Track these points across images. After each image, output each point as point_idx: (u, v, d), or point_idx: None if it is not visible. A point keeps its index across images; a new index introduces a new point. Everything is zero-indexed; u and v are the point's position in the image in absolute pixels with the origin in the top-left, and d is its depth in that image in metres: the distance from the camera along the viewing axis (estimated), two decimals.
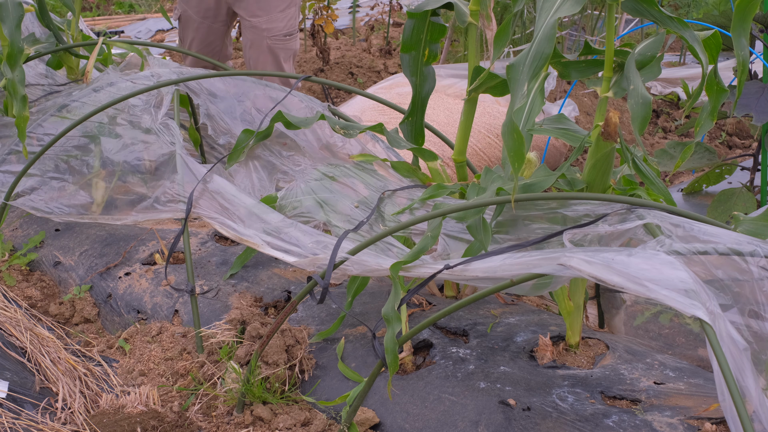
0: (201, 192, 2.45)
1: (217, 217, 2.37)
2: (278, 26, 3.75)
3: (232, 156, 2.66)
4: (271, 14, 3.73)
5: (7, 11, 2.88)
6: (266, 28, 3.75)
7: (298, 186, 2.45)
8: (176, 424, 2.08)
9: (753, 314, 1.52)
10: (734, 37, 1.81)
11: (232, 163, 2.66)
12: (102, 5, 10.19)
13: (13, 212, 3.33)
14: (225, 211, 2.37)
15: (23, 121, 2.80)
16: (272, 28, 3.75)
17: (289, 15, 3.79)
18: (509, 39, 1.92)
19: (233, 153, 2.66)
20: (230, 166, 2.65)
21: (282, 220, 2.25)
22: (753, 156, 3.64)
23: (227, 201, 2.39)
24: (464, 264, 1.75)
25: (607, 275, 1.44)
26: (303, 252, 2.11)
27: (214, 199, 2.42)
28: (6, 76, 2.84)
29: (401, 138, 2.50)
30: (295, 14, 3.83)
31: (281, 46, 3.81)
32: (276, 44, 3.79)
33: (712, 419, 1.71)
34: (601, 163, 1.88)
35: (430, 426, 1.90)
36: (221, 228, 2.34)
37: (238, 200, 2.38)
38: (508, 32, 1.90)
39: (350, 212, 2.31)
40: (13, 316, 2.39)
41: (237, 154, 2.66)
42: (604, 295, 2.37)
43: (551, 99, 5.17)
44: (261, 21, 3.74)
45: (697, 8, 6.82)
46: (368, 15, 8.44)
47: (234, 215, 2.34)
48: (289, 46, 3.85)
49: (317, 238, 2.14)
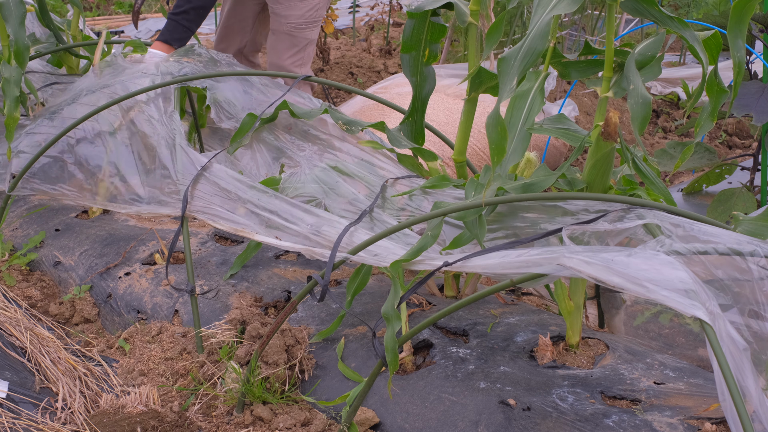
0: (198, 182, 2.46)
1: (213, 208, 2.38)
2: (296, 14, 3.89)
3: (235, 137, 2.68)
4: (291, 2, 3.88)
5: (10, 10, 2.89)
6: (285, 15, 3.90)
7: (303, 171, 2.46)
8: (176, 424, 2.08)
9: (753, 314, 1.52)
10: (730, 38, 1.81)
11: (234, 144, 2.67)
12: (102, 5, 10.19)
13: (13, 212, 3.33)
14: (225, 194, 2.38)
15: (13, 122, 2.80)
16: (290, 15, 3.90)
17: (309, 5, 3.92)
18: (501, 35, 1.92)
19: (237, 134, 2.69)
20: (234, 149, 2.66)
21: (282, 200, 2.26)
22: (753, 156, 3.64)
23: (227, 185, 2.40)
24: (463, 260, 1.75)
25: (607, 276, 1.44)
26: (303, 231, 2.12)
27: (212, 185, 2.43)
28: (3, 75, 2.84)
29: (402, 137, 2.50)
30: (316, 6, 3.95)
31: (297, 34, 3.95)
32: (292, 31, 3.93)
33: (712, 419, 1.71)
34: (601, 163, 1.88)
35: (430, 426, 1.90)
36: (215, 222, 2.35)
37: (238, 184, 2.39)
38: (500, 28, 1.90)
39: (353, 199, 2.32)
40: (13, 316, 2.39)
41: (240, 135, 2.68)
42: (604, 295, 2.37)
43: (551, 99, 5.17)
44: (281, 8, 3.90)
45: (697, 8, 6.82)
46: (368, 15, 8.45)
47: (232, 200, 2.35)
48: (306, 35, 3.98)
49: (317, 218, 2.14)
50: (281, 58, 3.92)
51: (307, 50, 4.00)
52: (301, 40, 3.94)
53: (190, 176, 2.48)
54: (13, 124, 2.80)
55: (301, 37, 3.94)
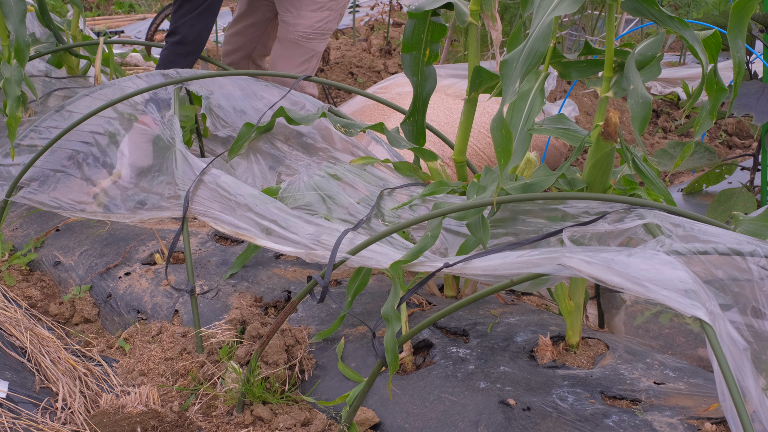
0: (199, 186, 2.46)
1: (213, 212, 2.37)
2: (305, 23, 3.88)
3: (233, 149, 2.67)
4: (301, 11, 3.87)
5: (10, 7, 2.89)
6: (294, 23, 3.89)
7: (301, 179, 2.45)
8: (176, 424, 2.08)
9: (753, 314, 1.52)
10: (730, 39, 1.81)
11: (233, 155, 2.66)
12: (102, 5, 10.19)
13: (13, 212, 3.33)
14: (224, 201, 2.37)
15: (15, 121, 2.80)
16: (299, 23, 3.89)
17: (318, 17, 3.90)
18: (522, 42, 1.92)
19: (234, 146, 2.68)
20: (231, 159, 2.66)
21: (281, 209, 2.25)
22: (753, 156, 3.64)
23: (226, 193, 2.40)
24: (464, 262, 1.75)
25: (607, 275, 1.44)
26: (302, 240, 2.12)
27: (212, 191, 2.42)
28: (4, 75, 2.84)
29: (402, 138, 2.50)
30: (325, 19, 3.94)
31: (303, 44, 3.93)
32: (300, 40, 3.92)
33: (712, 419, 1.71)
34: (601, 163, 1.88)
35: (430, 426, 1.90)
36: (216, 224, 2.34)
37: (237, 191, 2.38)
38: (520, 37, 1.90)
39: (351, 207, 2.31)
40: (13, 316, 2.39)
41: (238, 147, 2.67)
42: (604, 295, 2.37)
43: (551, 99, 5.17)
44: (291, 16, 3.89)
45: (697, 8, 6.82)
46: (368, 15, 8.45)
47: (232, 208, 2.34)
48: (313, 47, 3.97)
49: (317, 227, 2.14)
50: (285, 68, 3.89)
51: (312, 62, 3.97)
52: (308, 51, 3.92)
53: (190, 181, 2.48)
54: (15, 123, 2.81)
55: (308, 48, 3.91)
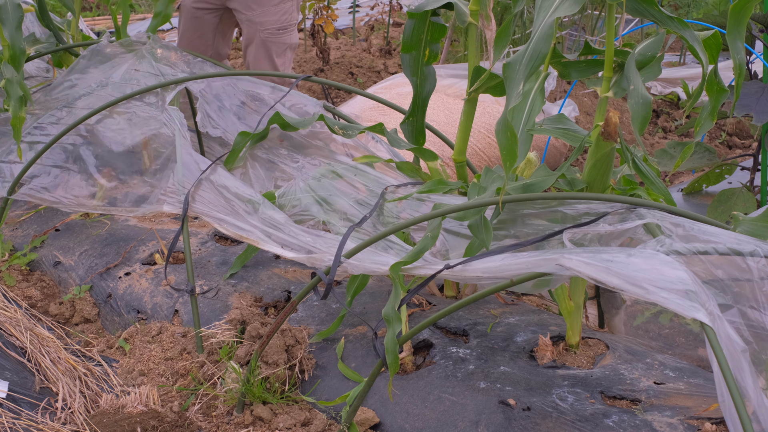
0: (200, 187, 2.46)
1: (215, 214, 2.37)
2: (271, 19, 3.82)
3: (229, 159, 2.66)
4: (265, 7, 3.80)
5: (7, 13, 2.89)
6: (259, 21, 3.82)
7: (297, 184, 2.45)
8: (176, 424, 2.08)
9: (753, 314, 1.52)
10: (729, 41, 1.81)
11: (229, 166, 2.66)
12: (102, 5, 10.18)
13: (13, 212, 3.33)
14: (226, 203, 2.37)
15: (19, 121, 2.80)
16: (265, 21, 3.82)
17: (283, 9, 3.84)
18: (510, 39, 1.92)
19: (230, 156, 2.66)
20: (229, 169, 2.65)
21: (282, 217, 2.25)
22: (753, 156, 3.64)
23: (227, 196, 2.39)
24: (464, 264, 1.75)
25: (607, 277, 1.44)
26: (304, 245, 2.11)
27: (214, 193, 2.42)
28: (5, 76, 2.84)
29: (401, 138, 2.50)
30: (290, 9, 3.89)
31: (274, 40, 3.88)
32: (269, 38, 3.86)
33: (712, 419, 1.71)
34: (601, 163, 1.88)
35: (430, 426, 1.90)
36: (218, 225, 2.34)
37: (239, 195, 2.38)
38: (508, 33, 1.90)
39: (349, 210, 2.31)
40: (13, 316, 2.39)
41: (234, 156, 2.66)
42: (604, 295, 2.37)
43: (551, 99, 5.17)
44: (255, 14, 3.81)
45: (697, 8, 6.82)
46: (368, 15, 8.44)
47: (233, 210, 2.34)
48: (283, 40, 3.90)
49: (317, 236, 2.14)
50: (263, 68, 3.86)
51: (287, 55, 3.94)
52: (280, 46, 3.89)
53: (190, 181, 2.48)
54: (20, 123, 2.81)
55: (279, 43, 3.88)
